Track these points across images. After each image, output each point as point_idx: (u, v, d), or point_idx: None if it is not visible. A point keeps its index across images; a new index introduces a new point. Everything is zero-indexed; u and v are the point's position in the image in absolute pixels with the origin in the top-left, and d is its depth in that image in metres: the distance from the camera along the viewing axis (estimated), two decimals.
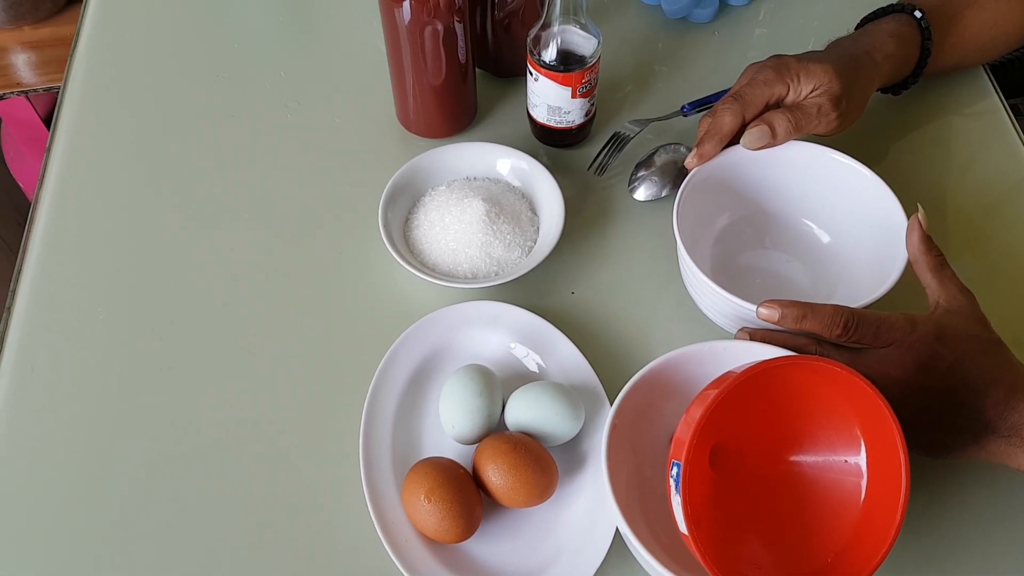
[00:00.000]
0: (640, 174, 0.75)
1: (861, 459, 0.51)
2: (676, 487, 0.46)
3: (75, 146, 0.79)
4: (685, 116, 0.78)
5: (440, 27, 0.69)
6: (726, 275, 0.67)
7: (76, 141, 0.80)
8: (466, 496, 0.55)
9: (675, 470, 0.46)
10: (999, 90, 0.84)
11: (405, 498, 0.56)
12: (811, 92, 0.66)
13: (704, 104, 0.77)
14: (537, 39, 0.70)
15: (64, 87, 0.84)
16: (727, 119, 0.66)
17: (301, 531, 0.59)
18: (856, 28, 0.76)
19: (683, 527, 0.46)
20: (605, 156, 0.76)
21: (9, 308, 0.69)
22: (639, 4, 0.89)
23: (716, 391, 0.46)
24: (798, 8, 0.90)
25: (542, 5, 0.68)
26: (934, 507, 0.59)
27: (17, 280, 0.70)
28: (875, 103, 0.80)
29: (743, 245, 0.70)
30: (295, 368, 0.66)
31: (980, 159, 0.80)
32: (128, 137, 0.80)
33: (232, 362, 0.66)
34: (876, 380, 0.48)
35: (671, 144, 0.75)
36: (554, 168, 0.73)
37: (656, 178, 0.74)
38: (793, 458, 0.54)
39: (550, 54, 0.69)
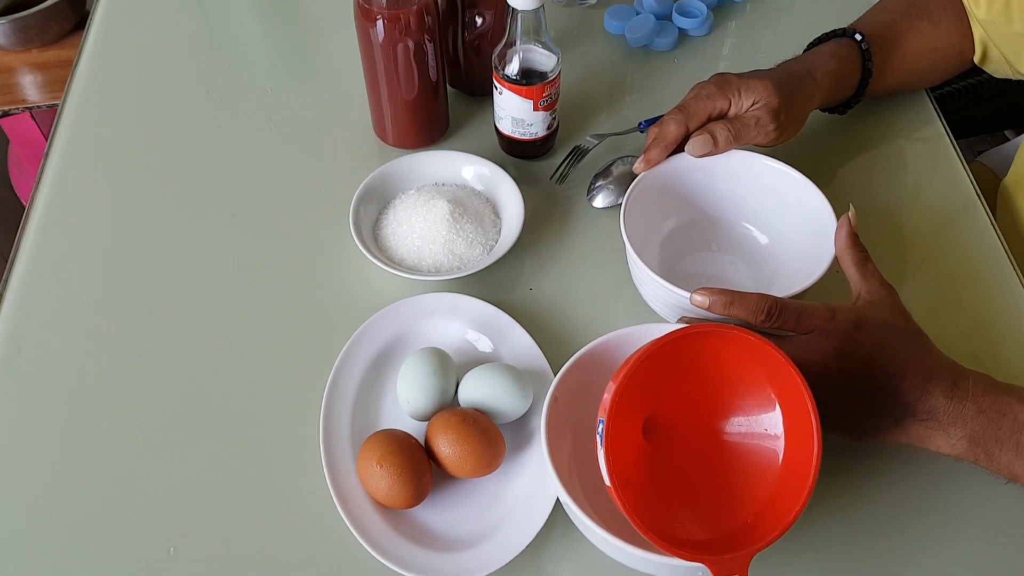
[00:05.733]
0: (598, 184, 0.80)
1: (779, 425, 0.55)
2: (601, 441, 0.50)
3: (71, 151, 0.85)
4: (641, 132, 0.83)
5: (411, 44, 0.75)
6: (674, 278, 0.72)
7: (72, 146, 0.85)
8: (416, 464, 0.59)
9: (600, 426, 0.50)
10: (943, 117, 0.90)
11: (359, 465, 0.60)
12: (751, 105, 0.71)
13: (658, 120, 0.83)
14: (502, 55, 0.75)
15: (64, 99, 0.90)
16: (672, 128, 0.71)
17: (262, 498, 0.63)
18: (803, 52, 0.81)
19: (607, 479, 0.50)
20: (566, 167, 0.81)
21: (0, 295, 0.73)
22: (605, 33, 0.96)
23: (637, 353, 0.50)
24: (755, 38, 0.96)
25: (508, 26, 0.74)
26: (858, 487, 0.63)
27: (10, 270, 0.75)
28: (823, 124, 0.86)
29: (689, 247, 0.75)
30: (267, 351, 0.71)
31: (927, 182, 0.85)
32: (120, 145, 0.86)
33: (209, 345, 0.71)
34: (797, 365, 0.52)
35: (627, 156, 0.81)
36: (519, 179, 0.78)
37: (612, 187, 0.79)
38: (720, 427, 0.58)
39: (513, 69, 0.75)
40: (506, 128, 0.80)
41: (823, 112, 0.83)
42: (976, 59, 0.85)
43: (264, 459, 0.65)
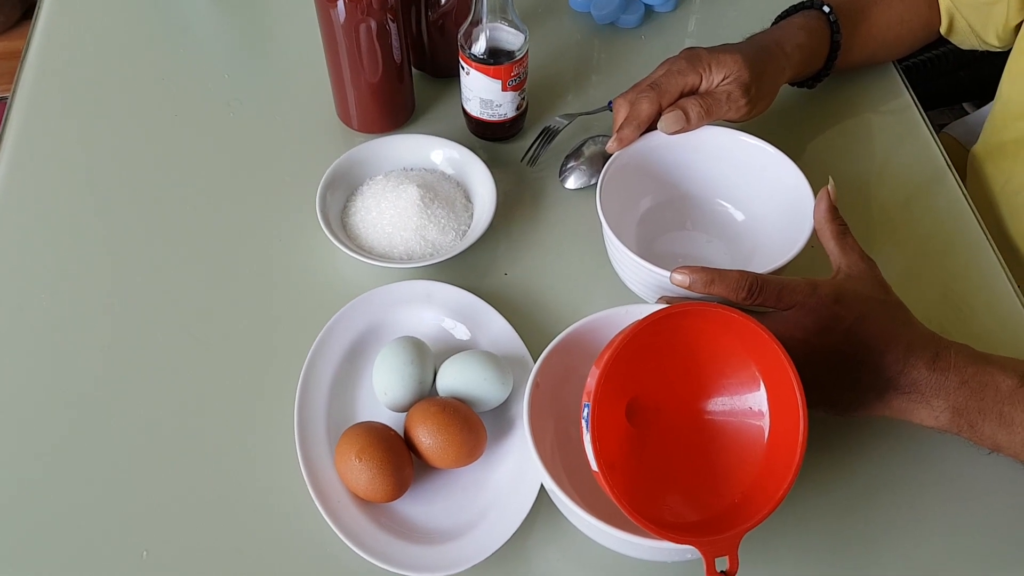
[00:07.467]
0: (570, 165, 0.79)
1: (763, 403, 0.54)
2: (586, 427, 0.49)
3: (21, 144, 0.81)
4: (611, 111, 0.81)
5: (374, 25, 0.73)
6: (652, 258, 0.71)
7: (23, 140, 0.82)
8: (396, 456, 0.58)
9: (585, 411, 0.49)
10: (911, 88, 0.89)
11: (338, 459, 0.58)
12: (722, 80, 0.70)
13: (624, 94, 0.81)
14: (468, 35, 0.74)
15: (13, 92, 0.86)
16: (644, 106, 0.70)
17: (237, 496, 0.61)
18: (771, 25, 0.80)
19: (593, 465, 0.49)
20: (536, 148, 0.80)
21: None
22: (570, 11, 0.94)
23: (619, 336, 0.49)
24: (721, 14, 0.95)
25: (473, 4, 0.72)
26: (843, 462, 0.63)
27: None
28: (793, 99, 0.85)
29: (666, 227, 0.74)
30: (236, 346, 0.68)
31: (896, 154, 0.85)
32: (73, 137, 0.83)
33: (175, 341, 0.69)
34: (779, 341, 0.51)
35: (599, 136, 0.79)
36: (489, 161, 0.76)
37: (585, 168, 0.78)
38: (704, 408, 0.57)
39: (480, 48, 0.73)
40: (474, 110, 0.78)
41: (792, 87, 0.83)
42: (942, 30, 0.85)
43: (238, 456, 0.63)
